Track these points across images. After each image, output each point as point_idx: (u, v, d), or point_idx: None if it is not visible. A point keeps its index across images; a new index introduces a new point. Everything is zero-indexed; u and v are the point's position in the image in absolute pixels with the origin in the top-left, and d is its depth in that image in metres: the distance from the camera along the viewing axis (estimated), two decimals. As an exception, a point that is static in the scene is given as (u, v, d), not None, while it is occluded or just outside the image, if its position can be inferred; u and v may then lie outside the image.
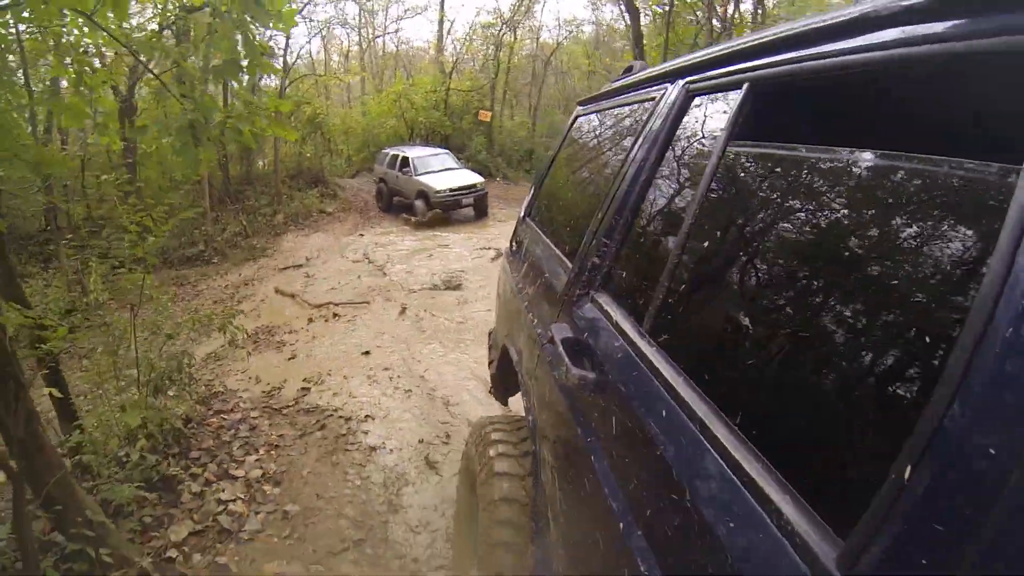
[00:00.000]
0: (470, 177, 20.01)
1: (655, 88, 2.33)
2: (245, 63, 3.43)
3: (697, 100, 1.97)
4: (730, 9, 22.73)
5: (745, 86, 1.59)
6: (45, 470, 3.27)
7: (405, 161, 20.45)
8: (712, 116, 1.85)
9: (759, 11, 23.04)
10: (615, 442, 1.52)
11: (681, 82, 2.08)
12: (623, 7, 23.90)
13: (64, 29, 3.61)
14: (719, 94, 1.82)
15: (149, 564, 3.68)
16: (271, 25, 3.36)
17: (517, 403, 3.41)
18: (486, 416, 3.01)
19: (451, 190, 18.96)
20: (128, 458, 4.48)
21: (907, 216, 1.15)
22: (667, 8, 22.65)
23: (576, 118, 3.62)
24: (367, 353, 8.00)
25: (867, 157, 1.31)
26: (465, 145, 27.65)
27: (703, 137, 1.89)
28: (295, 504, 4.55)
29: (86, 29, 3.52)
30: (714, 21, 22.40)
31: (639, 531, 1.30)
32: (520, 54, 34.22)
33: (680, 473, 1.20)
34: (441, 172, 20.00)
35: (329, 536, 4.19)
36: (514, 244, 3.75)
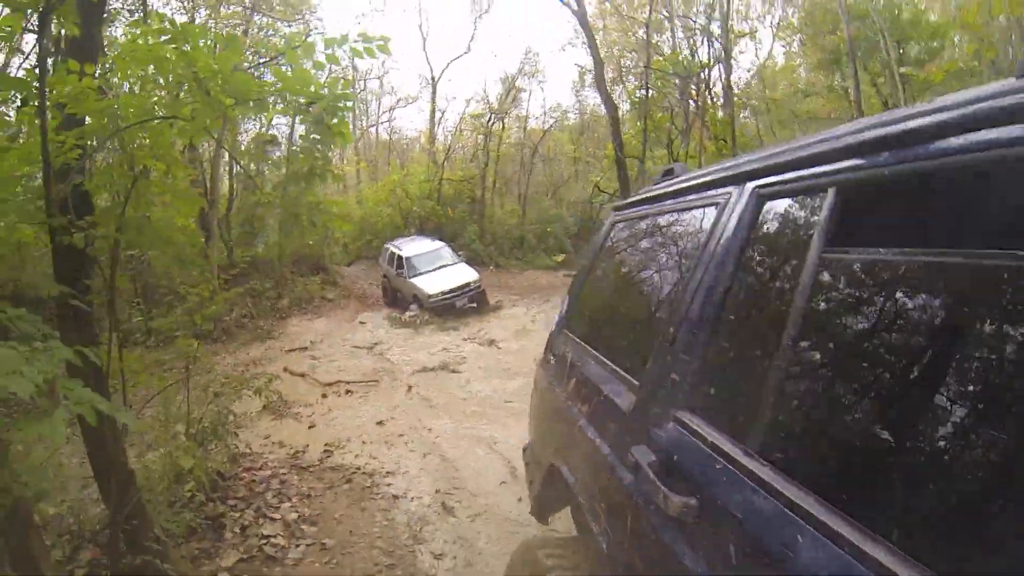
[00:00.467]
0: (465, 275, 19.92)
1: (717, 192, 2.32)
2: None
3: (769, 205, 1.96)
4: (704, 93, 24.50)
5: (832, 191, 1.60)
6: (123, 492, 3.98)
7: (400, 261, 20.61)
8: (794, 222, 1.84)
9: (728, 96, 24.78)
10: (738, 569, 1.43)
11: (750, 186, 2.07)
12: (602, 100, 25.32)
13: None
14: (798, 198, 1.83)
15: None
16: (336, 143, 4.29)
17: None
18: (533, 538, 2.99)
19: (443, 293, 18.87)
20: (177, 497, 5.14)
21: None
22: (644, 94, 24.39)
23: (613, 225, 3.58)
24: (381, 423, 8.90)
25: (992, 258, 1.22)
26: (459, 234, 28.65)
27: (787, 244, 1.86)
28: (331, 539, 5.26)
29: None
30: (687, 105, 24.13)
31: None
32: (508, 142, 35.57)
33: None
34: (435, 272, 19.95)
35: (364, 563, 4.90)
36: (551, 357, 3.66)
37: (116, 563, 3.71)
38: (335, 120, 4.06)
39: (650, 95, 24.76)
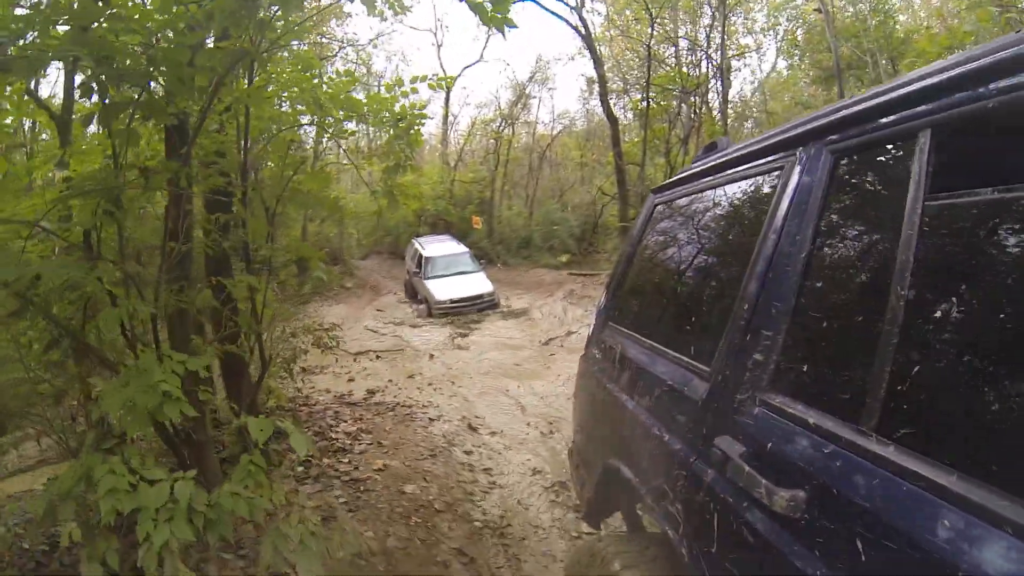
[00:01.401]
0: (479, 286, 19.63)
1: (778, 157, 2.19)
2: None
3: (846, 161, 1.84)
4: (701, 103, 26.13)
5: (926, 133, 1.47)
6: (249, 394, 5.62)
7: (421, 260, 20.63)
8: (883, 173, 1.72)
9: (726, 106, 26.50)
10: (870, 570, 1.25)
11: (818, 145, 1.95)
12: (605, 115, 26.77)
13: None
14: (885, 148, 1.70)
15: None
16: (416, 145, 6.04)
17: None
18: (594, 539, 2.82)
19: (452, 301, 18.59)
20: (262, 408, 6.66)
21: None
22: (645, 107, 25.78)
23: (653, 208, 3.44)
24: (411, 376, 10.57)
25: None
26: (468, 232, 30.18)
27: (878, 199, 1.75)
28: (384, 441, 6.79)
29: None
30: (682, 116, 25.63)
31: None
32: (517, 147, 37.13)
33: None
34: (451, 277, 19.74)
35: (412, 454, 6.49)
36: (596, 351, 3.50)
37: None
38: (413, 130, 5.76)
39: (651, 107, 25.76)
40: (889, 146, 1.68)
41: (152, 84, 3.09)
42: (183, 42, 2.88)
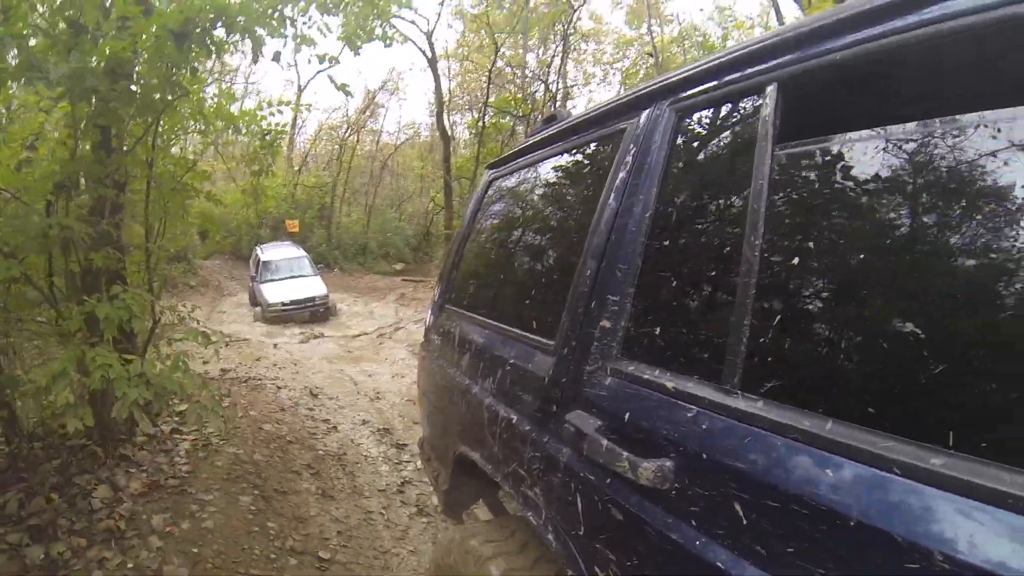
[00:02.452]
0: (313, 289, 19.57)
1: (620, 120, 2.13)
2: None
3: (691, 118, 1.82)
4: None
5: (771, 88, 1.47)
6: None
7: (258, 265, 20.54)
8: (729, 128, 1.70)
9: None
10: (753, 532, 1.17)
11: (662, 104, 1.91)
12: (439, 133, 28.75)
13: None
14: (731, 104, 1.68)
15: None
16: (276, 155, 7.57)
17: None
18: (459, 528, 2.63)
19: (283, 305, 18.45)
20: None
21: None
22: (480, 127, 28.05)
23: (489, 183, 3.36)
24: (258, 359, 11.55)
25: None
26: (308, 236, 31.01)
27: (725, 153, 1.70)
28: (242, 401, 7.97)
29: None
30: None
31: None
32: (361, 154, 38.31)
33: (907, 532, 0.94)
34: (285, 281, 19.64)
35: (266, 408, 7.66)
36: (435, 337, 3.37)
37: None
38: (275, 144, 7.45)
39: (487, 127, 27.94)
40: (736, 101, 1.65)
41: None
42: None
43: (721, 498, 1.26)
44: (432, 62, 27.83)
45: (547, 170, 2.80)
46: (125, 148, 4.86)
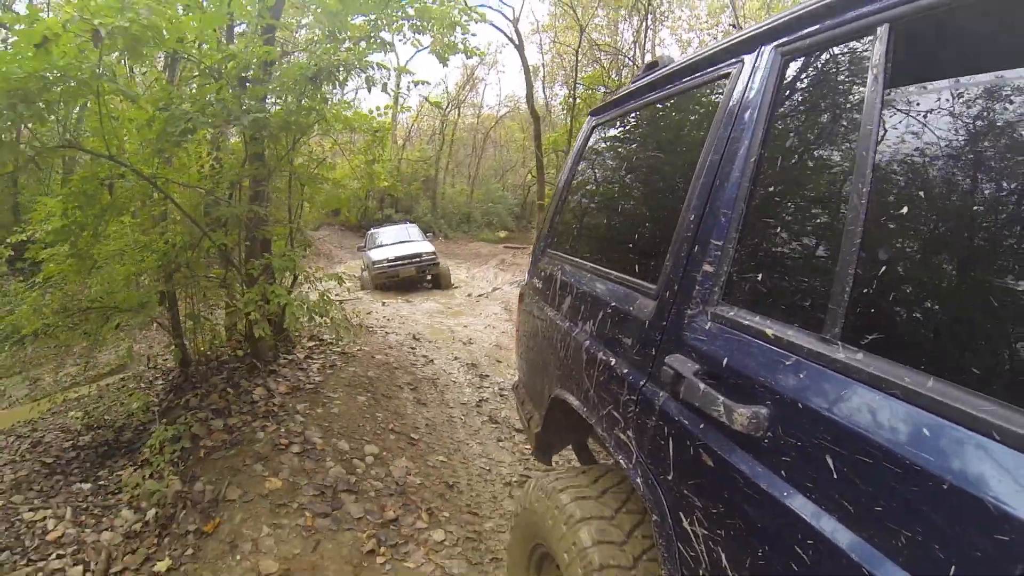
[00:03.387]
0: (418, 247, 18.90)
1: (725, 65, 2.10)
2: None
3: (796, 63, 1.77)
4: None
5: (883, 28, 1.41)
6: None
7: (370, 239, 20.29)
8: (837, 72, 1.64)
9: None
10: (843, 488, 1.17)
11: (767, 48, 1.87)
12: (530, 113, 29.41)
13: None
14: (840, 48, 1.62)
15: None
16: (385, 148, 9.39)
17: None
18: (545, 475, 2.59)
19: (389, 260, 17.95)
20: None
21: None
22: (572, 103, 28.72)
23: (592, 129, 3.32)
24: (369, 314, 12.90)
25: None
26: (412, 207, 32.63)
27: (834, 98, 1.64)
28: (358, 340, 8.94)
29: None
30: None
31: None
32: (462, 127, 39.90)
33: (1001, 499, 0.91)
34: (391, 245, 19.17)
35: (378, 346, 8.89)
36: (537, 281, 3.38)
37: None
38: (383, 138, 9.30)
39: (578, 102, 28.24)
40: (845, 43, 1.58)
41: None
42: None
43: (813, 450, 1.24)
44: (520, 48, 28.45)
45: (651, 115, 2.78)
46: (269, 161, 6.51)
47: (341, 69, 5.62)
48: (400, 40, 6.83)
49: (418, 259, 18.17)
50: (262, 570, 3.76)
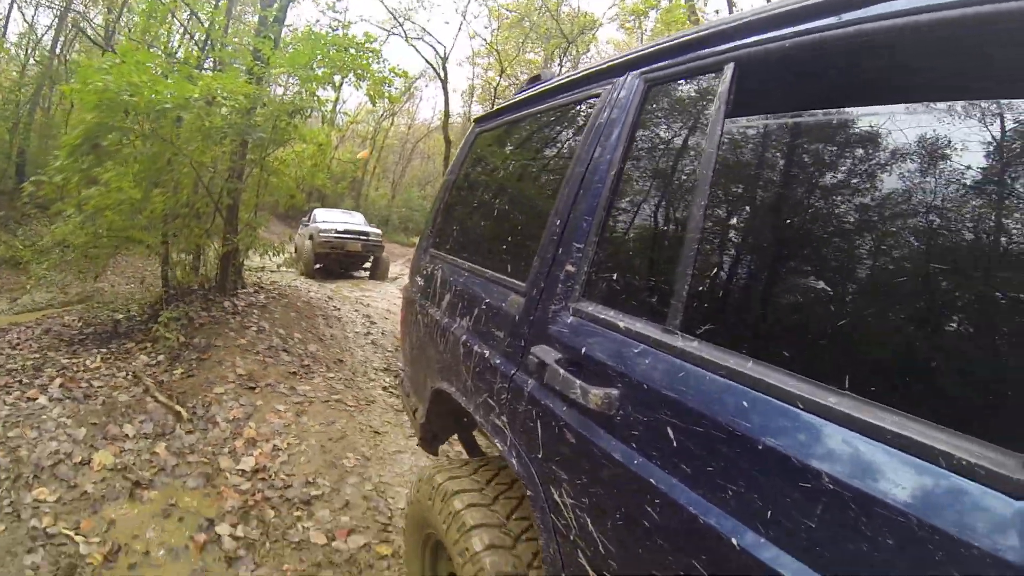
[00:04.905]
0: (366, 228, 18.77)
1: (596, 85, 2.31)
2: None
3: (658, 88, 1.98)
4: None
5: (730, 67, 1.62)
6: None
7: (311, 217, 19.74)
8: (690, 99, 1.87)
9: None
10: (681, 454, 1.36)
11: (634, 74, 2.07)
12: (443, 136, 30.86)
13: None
14: (693, 79, 1.84)
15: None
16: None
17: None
18: (429, 466, 2.79)
19: (337, 232, 17.80)
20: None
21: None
22: None
23: (476, 136, 3.50)
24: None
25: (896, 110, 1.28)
26: (338, 203, 32.58)
27: (684, 121, 1.87)
28: (298, 303, 12.94)
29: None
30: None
31: (761, 534, 1.16)
32: (394, 135, 41.50)
33: (802, 456, 1.11)
34: (339, 222, 18.94)
35: (312, 313, 12.53)
36: (419, 280, 3.53)
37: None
38: (327, 150, 13.36)
39: None
40: (697, 76, 1.81)
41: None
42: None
43: (657, 423, 1.43)
44: (444, 82, 30.35)
45: (529, 126, 2.96)
46: (249, 156, 9.55)
47: (308, 109, 9.67)
48: (347, 83, 10.11)
49: (365, 237, 18.24)
50: (237, 370, 7.05)
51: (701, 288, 1.52)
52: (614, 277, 1.89)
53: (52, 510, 4.22)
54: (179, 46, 18.14)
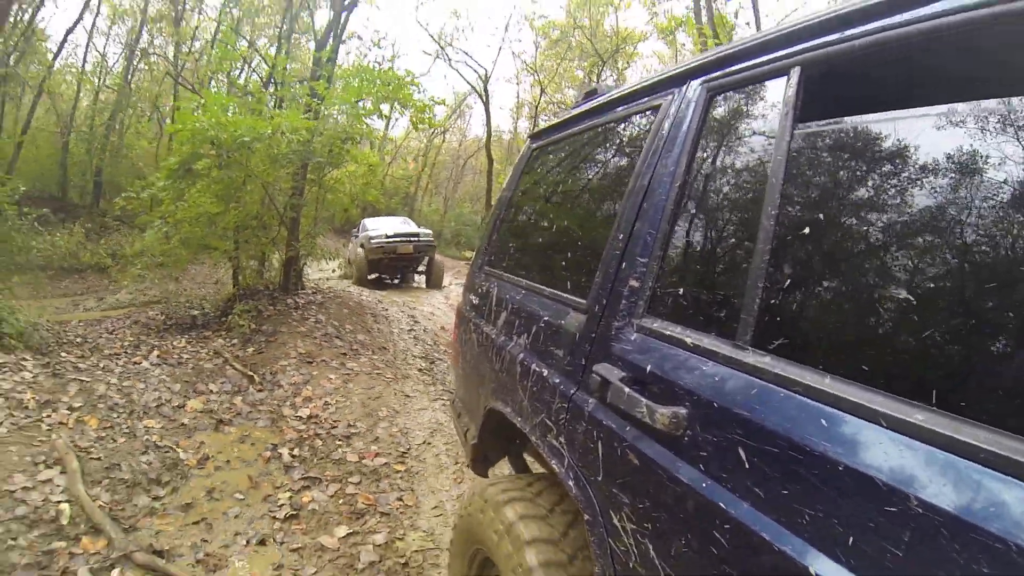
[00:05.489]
0: (416, 229, 18.54)
1: (655, 97, 2.27)
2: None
3: (721, 96, 1.94)
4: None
5: (796, 71, 1.57)
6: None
7: (360, 227, 19.53)
8: (756, 106, 1.81)
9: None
10: (754, 476, 1.29)
11: (695, 83, 2.03)
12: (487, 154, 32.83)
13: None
14: (758, 85, 1.79)
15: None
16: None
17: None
18: (483, 481, 2.79)
19: (387, 236, 17.61)
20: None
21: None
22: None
23: (531, 152, 3.47)
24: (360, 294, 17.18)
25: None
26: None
27: (750, 129, 1.81)
28: (351, 302, 13.50)
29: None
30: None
31: (842, 563, 1.09)
32: (445, 151, 42.84)
33: (888, 478, 1.04)
34: (389, 227, 18.71)
35: (361, 311, 13.71)
36: (473, 298, 3.50)
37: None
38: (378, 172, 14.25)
39: None
40: (762, 81, 1.75)
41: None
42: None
43: (727, 444, 1.36)
44: (486, 104, 32.98)
45: (587, 140, 2.91)
46: (309, 176, 11.30)
47: (358, 136, 10.44)
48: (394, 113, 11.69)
49: (416, 238, 18.01)
50: (298, 350, 8.77)
51: (773, 301, 1.46)
52: (680, 292, 1.83)
53: (158, 433, 6.03)
54: (242, 78, 21.91)
